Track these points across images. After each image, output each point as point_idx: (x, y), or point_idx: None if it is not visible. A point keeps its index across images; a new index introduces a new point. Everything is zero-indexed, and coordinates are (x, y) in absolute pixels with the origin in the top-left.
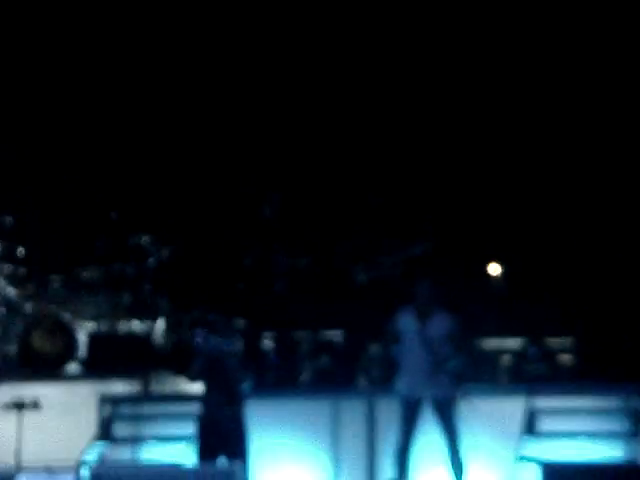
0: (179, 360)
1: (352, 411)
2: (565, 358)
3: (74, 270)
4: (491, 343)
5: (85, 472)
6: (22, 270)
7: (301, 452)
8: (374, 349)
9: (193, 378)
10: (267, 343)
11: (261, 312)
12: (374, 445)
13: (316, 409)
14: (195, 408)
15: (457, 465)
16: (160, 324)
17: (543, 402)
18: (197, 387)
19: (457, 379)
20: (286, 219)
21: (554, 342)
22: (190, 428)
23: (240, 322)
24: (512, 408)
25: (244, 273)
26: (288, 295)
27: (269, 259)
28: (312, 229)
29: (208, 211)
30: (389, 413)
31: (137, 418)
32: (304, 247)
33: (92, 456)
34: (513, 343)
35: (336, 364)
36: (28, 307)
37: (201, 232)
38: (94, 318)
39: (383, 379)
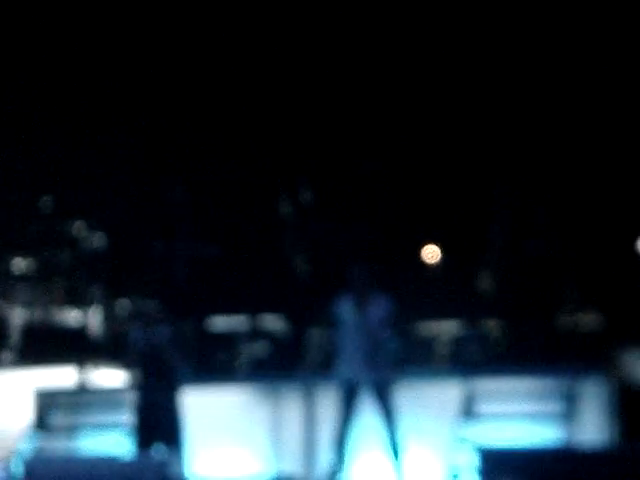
0: (115, 348)
1: (291, 397)
2: (500, 340)
3: (6, 258)
4: (427, 327)
5: (19, 464)
6: None
7: (240, 438)
8: (314, 334)
9: (130, 366)
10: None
11: (200, 298)
12: (313, 430)
13: (255, 395)
14: (131, 396)
15: (394, 448)
16: (95, 312)
17: (479, 385)
18: (134, 375)
19: (395, 362)
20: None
21: (489, 325)
22: (127, 416)
23: (178, 308)
24: (449, 391)
25: (178, 259)
26: (228, 280)
27: (203, 246)
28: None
29: (137, 198)
30: (328, 399)
31: (73, 407)
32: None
33: (27, 446)
34: (449, 326)
35: (275, 349)
36: None
37: (133, 219)
38: (27, 306)
39: (323, 365)
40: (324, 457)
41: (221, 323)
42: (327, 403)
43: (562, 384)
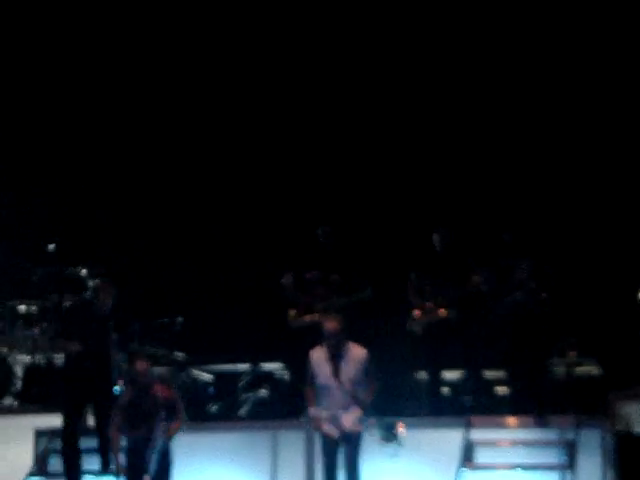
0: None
1: (291, 443)
2: (502, 390)
3: (10, 302)
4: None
5: None
6: None
7: None
8: None
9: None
10: (206, 376)
11: (201, 345)
12: (313, 478)
13: (255, 441)
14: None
15: None
16: None
17: (480, 434)
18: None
19: (369, 415)
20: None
21: (491, 374)
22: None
23: (179, 355)
24: (449, 440)
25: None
26: (228, 327)
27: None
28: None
29: (144, 243)
30: None
31: None
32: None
33: None
34: (451, 375)
35: (276, 397)
36: None
37: (136, 264)
38: (30, 351)
39: None
40: None
41: (223, 367)
42: None
43: (561, 434)
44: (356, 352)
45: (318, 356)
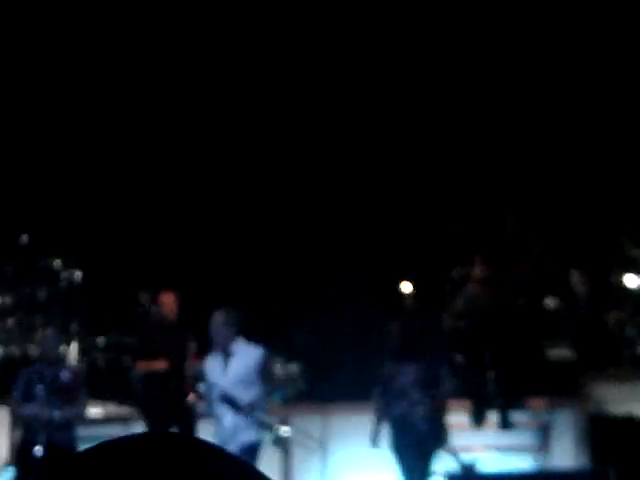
0: (92, 382)
1: None
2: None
3: None
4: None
5: None
6: None
7: None
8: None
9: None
10: None
11: None
12: None
13: None
14: (114, 430)
15: None
16: (73, 348)
17: (453, 417)
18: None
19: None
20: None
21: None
22: None
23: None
24: None
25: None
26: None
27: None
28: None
29: (116, 234)
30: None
31: None
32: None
33: None
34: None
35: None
36: None
37: (110, 255)
38: (5, 342)
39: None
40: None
41: None
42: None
43: (535, 416)
44: (248, 351)
45: (211, 357)
